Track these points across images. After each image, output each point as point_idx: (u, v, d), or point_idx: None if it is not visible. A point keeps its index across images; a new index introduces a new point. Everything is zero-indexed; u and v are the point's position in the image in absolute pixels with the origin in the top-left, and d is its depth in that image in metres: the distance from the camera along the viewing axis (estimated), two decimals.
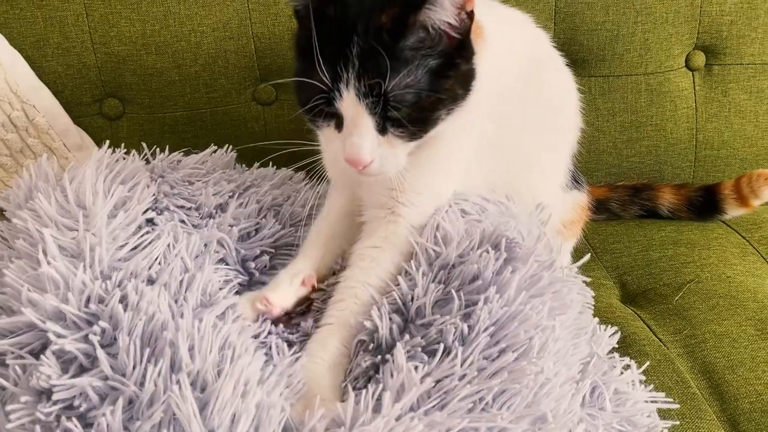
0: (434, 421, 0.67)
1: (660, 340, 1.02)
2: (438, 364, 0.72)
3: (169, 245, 0.86)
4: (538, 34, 1.05)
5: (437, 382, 0.71)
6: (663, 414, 0.85)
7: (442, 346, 0.73)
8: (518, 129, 0.98)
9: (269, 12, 1.28)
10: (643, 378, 0.88)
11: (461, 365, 0.72)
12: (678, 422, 0.86)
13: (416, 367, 0.71)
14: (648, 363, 0.92)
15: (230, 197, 1.01)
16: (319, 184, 0.91)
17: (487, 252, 0.80)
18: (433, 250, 0.83)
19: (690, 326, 1.04)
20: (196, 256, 0.88)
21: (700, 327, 1.04)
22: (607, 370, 0.85)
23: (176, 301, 0.77)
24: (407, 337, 0.76)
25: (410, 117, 0.75)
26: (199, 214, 0.98)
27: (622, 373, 0.86)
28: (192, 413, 0.63)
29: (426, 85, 0.74)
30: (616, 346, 0.91)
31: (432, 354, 0.73)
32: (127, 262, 0.80)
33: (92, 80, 1.29)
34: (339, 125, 0.77)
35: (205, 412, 0.65)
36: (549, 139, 1.03)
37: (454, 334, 0.74)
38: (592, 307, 0.93)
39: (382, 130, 0.76)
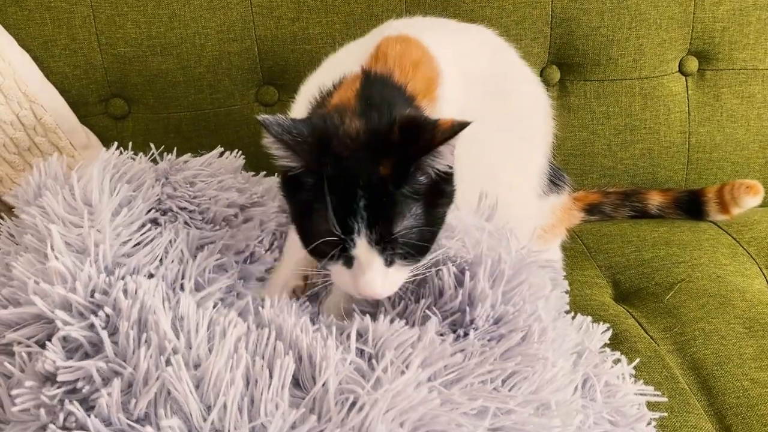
0: (452, 399, 0.70)
1: (651, 338, 1.05)
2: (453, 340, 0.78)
3: (170, 241, 0.89)
4: (500, 48, 1.06)
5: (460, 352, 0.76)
6: (652, 408, 0.87)
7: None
8: (484, 144, 0.99)
9: (272, 15, 1.31)
10: (633, 372, 0.91)
11: (472, 341, 0.77)
12: (666, 415, 0.89)
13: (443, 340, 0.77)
14: (639, 359, 0.95)
15: (235, 215, 1.00)
16: None
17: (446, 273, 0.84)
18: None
19: (680, 324, 1.07)
20: (197, 248, 0.91)
21: (690, 325, 1.06)
22: (599, 363, 0.87)
23: (173, 290, 0.80)
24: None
25: (414, 250, 0.79)
26: (203, 218, 0.98)
27: (612, 366, 0.89)
28: (188, 391, 0.66)
29: (424, 220, 0.78)
30: (608, 342, 0.94)
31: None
32: (130, 258, 0.83)
33: (98, 80, 1.31)
34: (348, 263, 0.80)
35: (200, 389, 0.67)
36: (517, 150, 1.04)
37: (459, 325, 0.80)
38: (567, 286, 0.96)
39: (389, 264, 0.79)
